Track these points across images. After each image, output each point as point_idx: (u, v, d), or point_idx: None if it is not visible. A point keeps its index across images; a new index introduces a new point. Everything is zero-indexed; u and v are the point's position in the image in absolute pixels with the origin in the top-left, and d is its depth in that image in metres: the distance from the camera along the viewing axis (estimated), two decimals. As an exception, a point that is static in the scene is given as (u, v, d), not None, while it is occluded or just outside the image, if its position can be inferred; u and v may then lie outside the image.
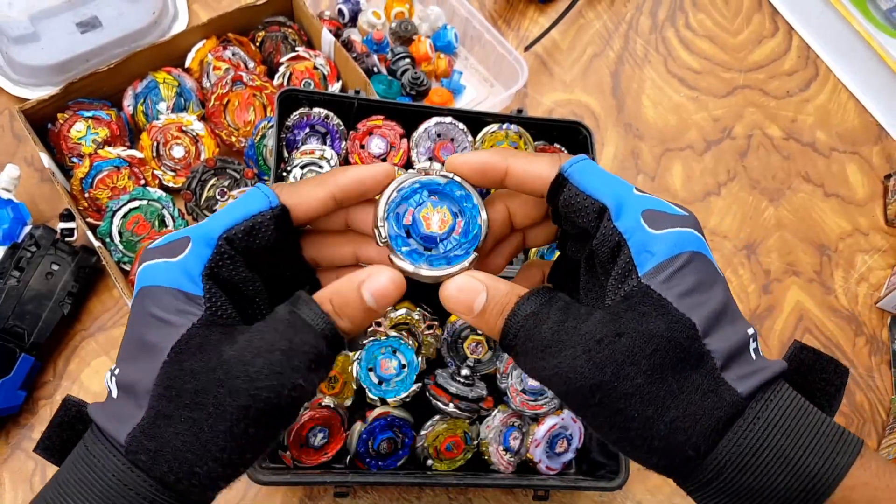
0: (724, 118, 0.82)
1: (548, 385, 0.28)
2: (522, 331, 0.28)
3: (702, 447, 0.25)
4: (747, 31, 0.87)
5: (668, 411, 0.26)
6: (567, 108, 0.80)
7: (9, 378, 0.56)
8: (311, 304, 0.29)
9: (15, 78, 0.69)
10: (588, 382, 0.26)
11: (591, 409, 0.27)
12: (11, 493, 0.56)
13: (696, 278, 0.27)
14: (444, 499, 0.60)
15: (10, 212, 0.60)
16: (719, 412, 0.25)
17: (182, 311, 0.27)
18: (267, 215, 0.29)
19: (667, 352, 0.26)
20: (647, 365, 0.26)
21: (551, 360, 0.27)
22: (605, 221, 0.28)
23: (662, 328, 0.26)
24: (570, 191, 0.30)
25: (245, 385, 0.26)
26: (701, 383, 0.26)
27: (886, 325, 0.73)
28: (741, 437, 0.25)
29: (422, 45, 0.75)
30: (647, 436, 0.26)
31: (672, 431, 0.25)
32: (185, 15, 0.76)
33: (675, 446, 0.26)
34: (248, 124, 0.68)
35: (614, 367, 0.26)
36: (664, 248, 0.27)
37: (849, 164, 0.81)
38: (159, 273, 0.28)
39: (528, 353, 0.28)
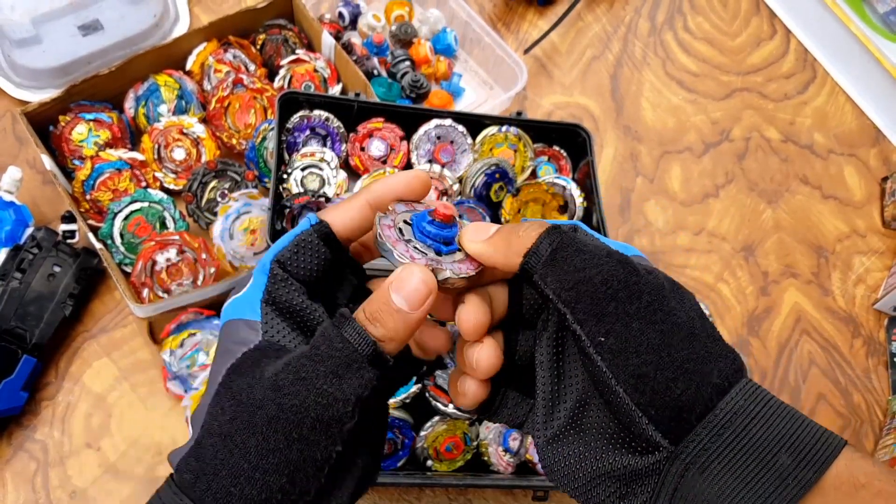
0: (722, 120, 0.82)
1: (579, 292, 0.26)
2: (565, 238, 0.28)
3: (725, 381, 0.25)
4: (745, 33, 0.87)
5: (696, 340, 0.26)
6: (566, 111, 0.80)
7: (11, 379, 0.56)
8: (345, 316, 0.28)
9: (17, 80, 0.70)
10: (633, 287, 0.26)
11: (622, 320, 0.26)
12: (14, 493, 0.57)
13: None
14: (443, 499, 0.61)
15: (13, 214, 0.61)
16: (731, 356, 0.26)
17: (242, 340, 0.28)
18: (309, 232, 0.30)
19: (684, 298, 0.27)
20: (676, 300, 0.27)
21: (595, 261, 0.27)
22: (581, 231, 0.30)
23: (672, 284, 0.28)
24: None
25: (272, 395, 0.26)
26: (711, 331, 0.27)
27: (883, 327, 0.73)
28: (751, 387, 0.25)
29: (422, 47, 0.75)
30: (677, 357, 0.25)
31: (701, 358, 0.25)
32: (186, 18, 0.76)
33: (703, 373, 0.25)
34: (248, 126, 0.68)
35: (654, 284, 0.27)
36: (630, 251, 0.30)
37: (846, 167, 0.81)
38: (231, 308, 0.29)
39: (565, 260, 0.27)
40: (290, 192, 0.62)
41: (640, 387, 0.25)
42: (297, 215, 0.61)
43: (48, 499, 0.57)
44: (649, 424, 0.25)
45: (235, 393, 0.27)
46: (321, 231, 0.30)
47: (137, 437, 0.59)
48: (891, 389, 0.71)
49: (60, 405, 0.60)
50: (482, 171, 0.65)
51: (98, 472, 0.58)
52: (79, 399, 0.60)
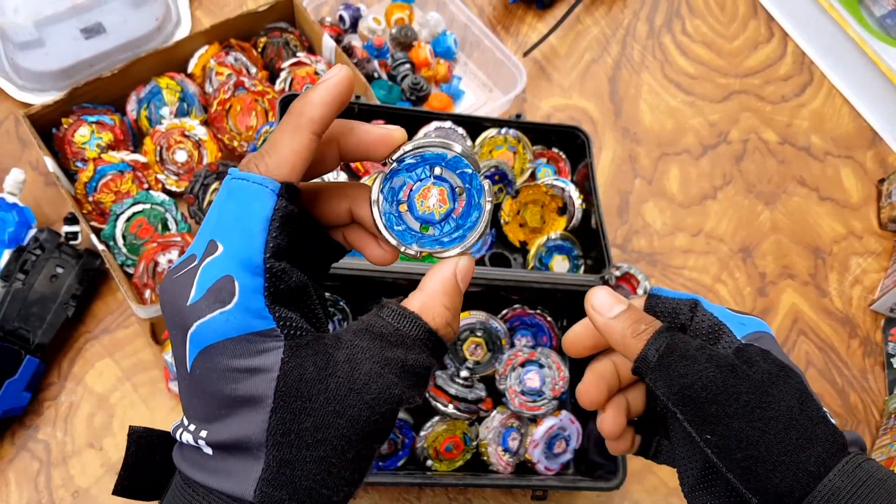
0: (720, 123, 0.83)
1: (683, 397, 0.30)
2: (671, 344, 0.30)
3: (821, 467, 0.28)
4: (743, 36, 0.88)
5: (793, 430, 0.28)
6: (565, 113, 0.80)
7: (14, 379, 0.57)
8: (402, 310, 0.27)
9: (20, 83, 0.70)
10: (730, 390, 0.29)
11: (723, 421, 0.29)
12: (17, 493, 0.57)
13: (777, 349, 0.32)
14: (443, 499, 0.61)
15: (16, 215, 0.61)
16: (832, 439, 0.29)
17: (264, 352, 0.25)
18: (283, 205, 0.26)
19: (787, 385, 0.30)
20: (776, 392, 0.29)
21: (697, 367, 0.29)
22: (700, 308, 0.32)
23: (777, 370, 0.30)
24: (662, 300, 0.34)
25: (365, 413, 0.26)
26: (813, 415, 0.29)
27: (880, 327, 0.74)
28: (852, 467, 0.28)
29: (422, 50, 0.75)
30: (775, 450, 0.28)
31: (797, 448, 0.28)
32: (187, 21, 0.77)
33: (798, 462, 0.28)
34: (249, 129, 0.69)
35: (751, 383, 0.29)
36: (752, 324, 0.32)
37: (843, 169, 0.82)
38: (219, 327, 0.25)
39: (671, 365, 0.30)
40: (291, 193, 0.62)
41: (746, 476, 0.29)
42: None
43: (51, 498, 0.57)
44: (757, 500, 0.29)
45: (308, 412, 0.25)
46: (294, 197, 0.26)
47: (139, 437, 0.60)
48: (887, 389, 0.71)
49: (63, 405, 0.60)
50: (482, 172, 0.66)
51: (100, 472, 0.58)
52: (81, 399, 0.60)
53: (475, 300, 0.64)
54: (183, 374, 0.26)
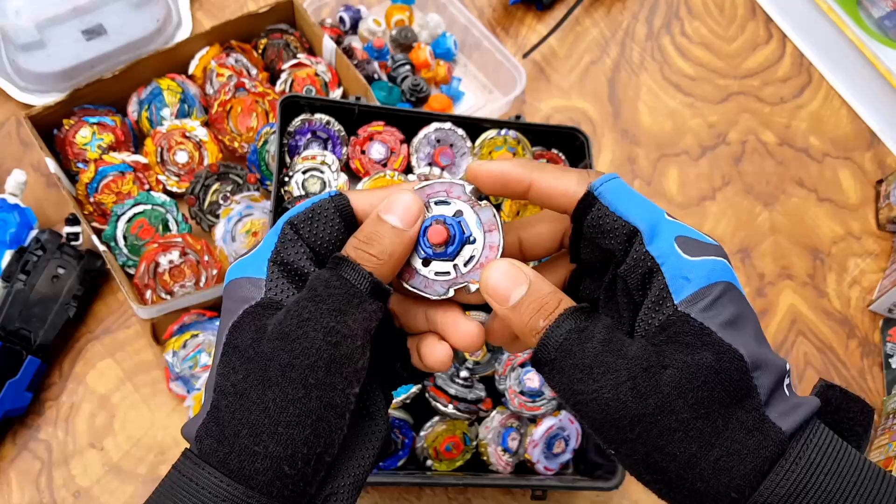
0: (718, 124, 0.83)
1: (581, 411, 0.26)
2: (565, 345, 0.26)
3: (746, 489, 0.24)
4: (741, 38, 0.88)
5: (713, 449, 0.24)
6: (564, 115, 0.81)
7: (15, 380, 0.57)
8: (339, 257, 0.28)
9: (22, 85, 0.70)
10: (630, 413, 0.25)
11: (627, 444, 0.25)
12: (18, 493, 0.57)
13: (734, 309, 0.26)
14: (443, 499, 0.61)
15: (17, 216, 0.61)
16: (764, 451, 0.24)
17: (245, 298, 0.27)
18: (327, 201, 0.29)
19: (715, 385, 0.25)
20: (695, 399, 0.24)
21: (591, 384, 0.25)
22: (637, 245, 0.27)
23: (711, 360, 0.25)
24: (599, 210, 0.28)
25: (281, 343, 0.25)
26: (745, 420, 0.25)
27: (878, 328, 0.74)
28: (784, 477, 0.24)
29: (421, 52, 0.76)
30: (687, 476, 0.25)
31: (716, 472, 0.24)
32: (188, 22, 0.77)
33: (718, 488, 0.24)
34: (250, 130, 0.69)
35: (659, 398, 0.25)
36: (700, 276, 0.26)
37: (841, 170, 0.82)
38: (235, 268, 0.29)
39: (565, 372, 0.26)
40: (291, 194, 0.63)
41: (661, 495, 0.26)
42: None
43: (52, 498, 0.57)
44: None
45: (243, 350, 0.26)
46: (339, 203, 0.29)
47: (140, 437, 0.60)
48: (885, 390, 0.71)
49: (64, 405, 0.60)
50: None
51: (102, 472, 0.59)
52: (82, 399, 0.61)
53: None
54: None
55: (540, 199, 0.30)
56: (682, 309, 0.25)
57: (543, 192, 0.29)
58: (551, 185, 0.29)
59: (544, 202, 0.30)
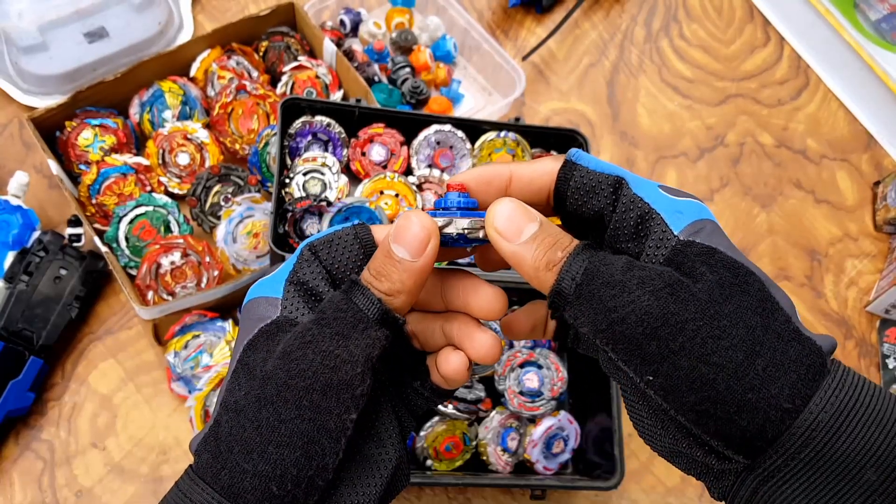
0: (716, 126, 0.83)
1: (617, 330, 0.24)
2: (590, 268, 0.25)
3: (796, 398, 0.23)
4: (739, 41, 0.89)
5: (758, 358, 0.23)
6: (563, 117, 0.81)
7: (18, 380, 0.57)
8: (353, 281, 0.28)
9: (24, 87, 0.71)
10: (672, 320, 0.23)
11: (670, 360, 0.23)
12: (21, 492, 0.58)
13: (726, 242, 0.26)
14: (443, 498, 0.62)
15: (20, 218, 0.62)
16: (807, 360, 0.23)
17: (262, 316, 0.28)
18: (349, 228, 0.29)
19: (743, 296, 0.24)
20: (731, 308, 0.24)
21: (628, 296, 0.24)
22: (625, 191, 0.27)
23: (730, 275, 0.24)
24: (580, 171, 0.28)
25: (281, 363, 0.25)
26: (781, 331, 0.24)
27: (875, 329, 0.75)
28: (833, 393, 0.23)
29: (421, 54, 0.76)
30: (737, 388, 0.23)
31: (765, 381, 0.23)
32: (190, 25, 0.77)
33: (769, 398, 0.23)
34: (251, 132, 0.69)
35: (698, 305, 0.24)
36: (691, 212, 0.26)
37: (839, 171, 0.83)
38: (255, 288, 0.29)
39: (594, 295, 0.25)
40: (292, 196, 0.63)
41: (702, 420, 0.24)
42: (299, 219, 0.62)
43: (54, 498, 0.58)
44: (719, 446, 0.24)
45: (250, 367, 0.26)
46: (360, 232, 0.30)
47: (142, 437, 0.60)
48: (882, 390, 0.72)
49: (67, 406, 0.61)
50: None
51: (103, 472, 0.59)
52: (85, 399, 0.61)
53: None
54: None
55: (522, 185, 0.30)
56: (684, 237, 0.26)
57: (524, 177, 0.30)
58: (531, 168, 0.30)
59: (526, 186, 0.30)
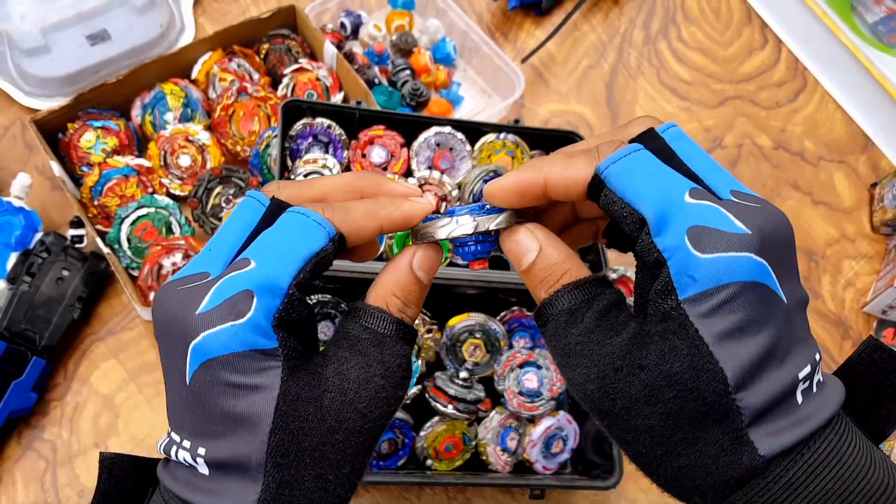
0: (715, 128, 0.84)
1: (571, 387, 0.28)
2: (551, 324, 0.28)
3: (709, 498, 0.25)
4: (737, 43, 0.89)
5: (679, 458, 0.25)
6: (563, 118, 0.82)
7: (21, 380, 0.58)
8: (379, 312, 0.29)
9: (27, 89, 0.71)
10: (598, 407, 0.26)
11: (605, 427, 0.27)
12: (23, 492, 0.58)
13: (743, 315, 0.24)
14: (443, 498, 0.62)
15: (22, 219, 0.62)
16: (733, 472, 0.24)
17: (263, 370, 0.25)
18: (329, 249, 0.27)
19: (686, 401, 0.24)
20: (664, 409, 0.24)
21: (568, 372, 0.27)
22: (644, 235, 0.26)
23: (688, 375, 0.24)
24: (606, 196, 0.27)
25: (359, 423, 0.27)
26: (720, 439, 0.24)
27: (873, 329, 0.75)
28: (755, 496, 0.24)
29: (421, 57, 0.77)
30: (655, 472, 0.26)
31: (680, 477, 0.25)
32: (191, 28, 0.78)
33: (683, 490, 0.25)
34: (252, 134, 0.70)
35: (626, 401, 0.25)
36: (708, 276, 0.24)
37: (836, 173, 0.83)
38: (226, 340, 0.25)
39: (553, 347, 0.28)
40: (293, 197, 0.63)
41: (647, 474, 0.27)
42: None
43: (57, 497, 0.58)
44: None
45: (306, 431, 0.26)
46: (339, 247, 0.28)
47: (144, 437, 0.61)
48: (880, 391, 0.72)
49: (69, 406, 0.61)
50: (480, 177, 0.67)
51: (105, 472, 0.59)
52: (87, 400, 0.61)
53: (474, 302, 0.65)
54: (179, 386, 0.26)
55: (558, 195, 0.28)
56: (685, 307, 0.24)
57: (559, 187, 0.28)
58: (563, 176, 0.28)
59: (562, 196, 0.28)
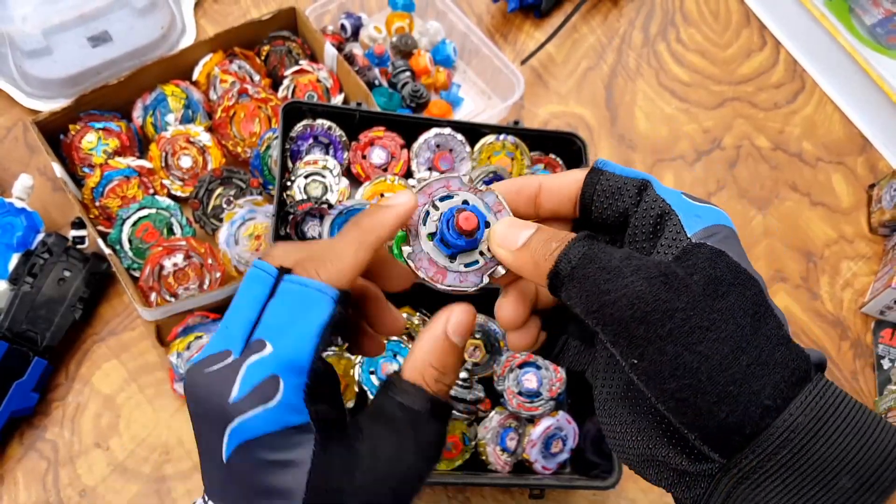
0: (713, 129, 0.84)
1: (607, 312, 0.25)
2: (589, 253, 0.26)
3: (778, 398, 0.23)
4: (736, 45, 0.90)
5: (744, 354, 0.24)
6: (562, 120, 0.82)
7: (22, 381, 0.58)
8: (414, 389, 0.29)
9: (28, 90, 0.71)
10: (663, 306, 0.24)
11: (656, 344, 0.24)
12: (25, 491, 0.58)
13: (738, 249, 0.27)
14: (442, 497, 0.62)
15: (24, 220, 0.62)
16: (793, 364, 0.24)
17: (297, 445, 0.26)
18: (337, 311, 0.28)
19: (738, 297, 0.25)
20: (722, 305, 0.24)
21: (622, 280, 0.25)
22: (649, 191, 0.28)
23: (731, 277, 0.25)
24: (606, 176, 0.29)
25: (390, 499, 0.27)
26: (771, 335, 0.24)
27: (870, 330, 0.75)
28: (814, 398, 0.23)
29: (421, 58, 0.77)
30: (719, 379, 0.23)
31: (748, 377, 0.23)
32: (192, 29, 0.78)
33: (751, 394, 0.23)
34: (253, 135, 0.70)
35: (691, 297, 0.24)
36: (709, 216, 0.27)
37: (834, 174, 0.83)
38: (260, 423, 0.26)
39: (589, 278, 0.25)
40: (293, 198, 0.64)
41: (681, 409, 0.24)
42: (300, 221, 0.62)
43: (58, 497, 0.58)
44: (696, 440, 0.24)
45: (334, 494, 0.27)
46: (347, 304, 0.29)
47: (145, 437, 0.61)
48: (877, 391, 0.73)
49: (70, 406, 0.61)
50: (480, 178, 0.67)
51: (107, 471, 0.60)
52: (88, 400, 0.62)
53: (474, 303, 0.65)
54: (217, 463, 0.27)
55: (551, 193, 0.31)
56: (696, 240, 0.26)
57: (553, 186, 0.31)
58: (559, 178, 0.31)
59: (555, 194, 0.31)
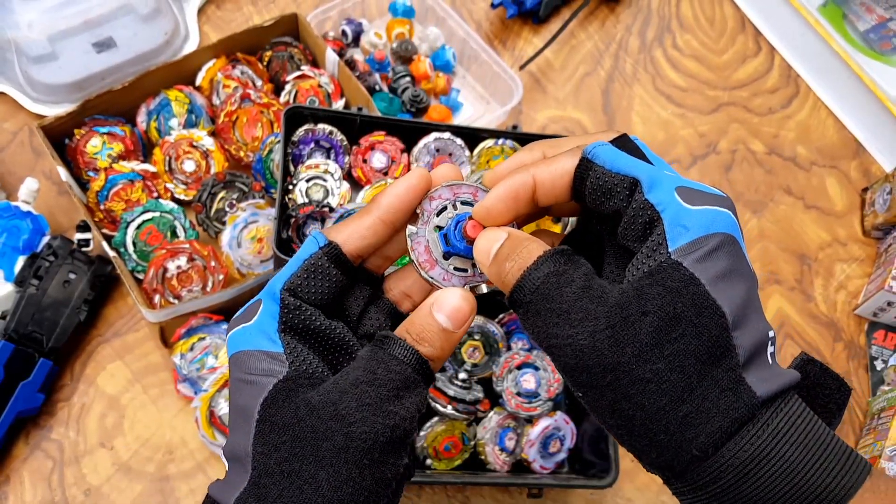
0: (709, 134, 0.85)
1: (554, 354, 0.26)
2: (542, 289, 0.26)
3: (709, 449, 0.24)
4: (731, 51, 0.91)
5: (683, 405, 0.24)
6: (560, 125, 0.83)
7: (28, 381, 0.59)
8: (391, 338, 0.28)
9: (34, 95, 0.72)
10: (604, 361, 0.24)
11: (596, 390, 0.25)
12: (31, 491, 0.59)
13: (729, 263, 0.25)
14: (442, 497, 0.63)
15: (30, 223, 0.63)
16: (734, 412, 0.24)
17: (265, 371, 0.27)
18: (318, 255, 0.29)
19: (692, 339, 0.24)
20: (671, 350, 0.24)
21: (568, 329, 0.25)
22: (637, 195, 0.27)
23: (691, 313, 0.24)
24: (595, 172, 0.28)
25: (337, 425, 0.26)
26: (721, 379, 0.24)
27: (864, 331, 0.76)
28: (748, 442, 0.24)
29: (421, 64, 0.78)
30: (653, 428, 0.24)
31: (682, 427, 0.24)
32: (195, 35, 0.79)
33: (681, 443, 0.24)
34: (255, 139, 0.71)
35: (636, 348, 0.24)
36: (699, 225, 0.25)
37: (828, 178, 0.85)
38: (241, 338, 0.28)
39: (540, 315, 0.26)
40: (295, 202, 0.65)
41: (622, 439, 0.26)
42: (301, 224, 0.63)
43: (64, 496, 0.59)
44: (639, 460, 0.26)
45: (286, 427, 0.26)
46: (332, 254, 0.29)
47: (149, 437, 0.62)
48: (870, 391, 0.74)
49: (75, 406, 0.62)
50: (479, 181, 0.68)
51: (111, 471, 0.60)
52: (93, 400, 0.62)
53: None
54: None
55: (545, 190, 0.29)
56: (675, 257, 0.25)
57: (546, 182, 0.29)
58: (550, 171, 0.29)
59: (549, 190, 0.29)
